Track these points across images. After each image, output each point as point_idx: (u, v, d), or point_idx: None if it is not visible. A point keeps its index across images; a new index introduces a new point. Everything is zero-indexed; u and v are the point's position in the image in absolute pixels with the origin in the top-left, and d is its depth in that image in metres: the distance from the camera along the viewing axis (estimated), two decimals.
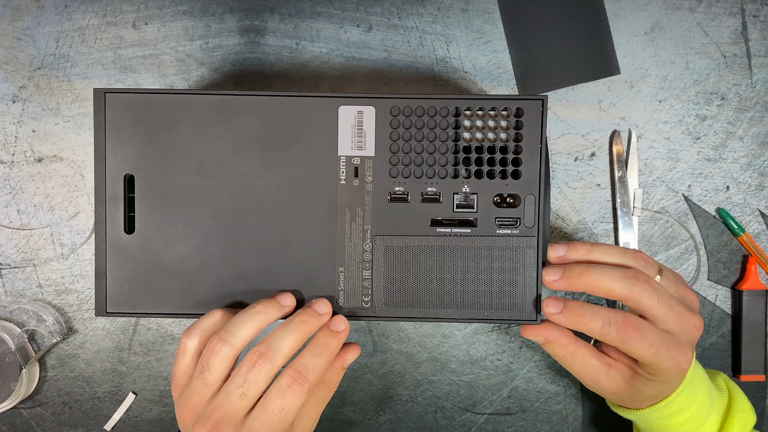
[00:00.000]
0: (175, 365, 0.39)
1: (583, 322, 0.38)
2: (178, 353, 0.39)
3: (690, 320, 0.39)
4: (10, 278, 0.54)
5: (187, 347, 0.39)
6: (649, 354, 0.38)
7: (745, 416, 0.44)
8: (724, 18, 0.53)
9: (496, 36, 0.53)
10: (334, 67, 0.53)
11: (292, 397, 0.36)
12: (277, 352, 0.37)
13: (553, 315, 0.39)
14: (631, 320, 0.38)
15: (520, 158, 0.40)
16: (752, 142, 0.54)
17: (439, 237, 0.40)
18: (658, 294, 0.38)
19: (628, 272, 0.38)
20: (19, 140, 0.54)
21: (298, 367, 0.37)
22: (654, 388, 0.40)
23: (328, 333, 0.39)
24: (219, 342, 0.37)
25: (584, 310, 0.38)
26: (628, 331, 0.37)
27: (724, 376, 0.47)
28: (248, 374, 0.36)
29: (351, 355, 0.41)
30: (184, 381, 0.39)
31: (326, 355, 0.38)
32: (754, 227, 0.54)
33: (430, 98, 0.40)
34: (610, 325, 0.38)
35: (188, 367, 0.39)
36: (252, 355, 0.37)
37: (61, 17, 0.53)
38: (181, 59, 0.53)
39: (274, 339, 0.37)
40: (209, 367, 0.37)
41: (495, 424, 0.55)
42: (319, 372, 0.38)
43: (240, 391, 0.36)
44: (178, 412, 0.39)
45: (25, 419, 0.55)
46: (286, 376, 0.37)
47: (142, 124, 0.40)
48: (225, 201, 0.41)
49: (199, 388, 0.37)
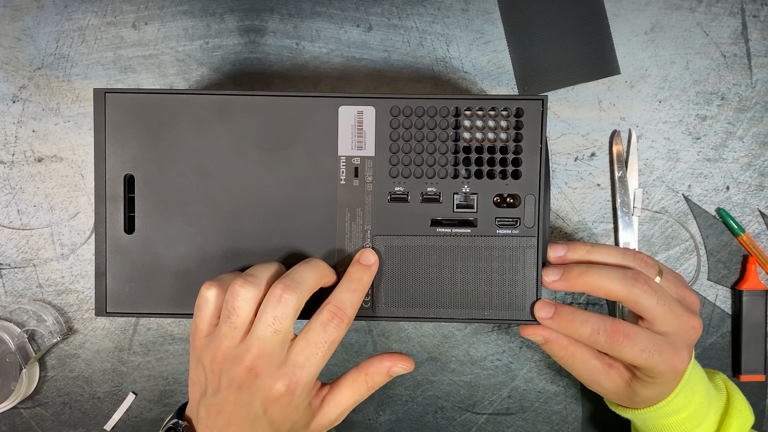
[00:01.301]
0: (196, 316, 0.38)
1: (573, 329, 0.38)
2: (199, 303, 0.38)
3: (689, 321, 0.39)
4: (10, 278, 0.54)
5: (209, 297, 0.37)
6: (641, 359, 0.38)
7: (743, 416, 0.44)
8: (724, 18, 0.53)
9: (496, 36, 0.53)
10: (334, 67, 0.53)
11: (333, 330, 0.36)
12: (301, 284, 0.36)
13: (543, 320, 0.39)
14: (620, 327, 0.38)
15: (520, 158, 0.40)
16: (752, 142, 0.54)
17: (439, 237, 0.40)
18: (658, 295, 0.38)
19: (628, 273, 0.38)
20: (19, 140, 0.54)
21: (336, 302, 0.37)
22: (652, 390, 0.40)
23: (360, 267, 0.39)
24: (244, 283, 0.36)
25: (574, 316, 0.38)
26: (617, 338, 0.38)
27: (722, 376, 0.47)
28: (275, 310, 0.35)
29: (403, 365, 0.40)
30: (209, 330, 0.38)
31: (360, 290, 0.38)
32: (754, 227, 0.54)
33: (430, 98, 0.40)
34: (599, 333, 0.38)
35: (212, 317, 0.38)
36: (275, 290, 0.36)
37: (61, 17, 0.53)
38: (181, 59, 0.53)
39: (295, 272, 0.37)
40: (236, 310, 0.36)
41: (495, 424, 0.55)
42: (356, 306, 0.38)
43: (272, 329, 0.35)
44: (206, 361, 0.37)
45: (25, 419, 0.55)
46: (326, 311, 0.37)
47: (142, 124, 0.40)
48: (225, 201, 0.41)
49: (229, 332, 0.36)
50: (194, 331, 0.38)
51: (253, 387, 0.36)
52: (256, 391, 0.36)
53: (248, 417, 0.36)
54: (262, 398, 0.36)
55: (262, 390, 0.36)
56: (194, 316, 0.38)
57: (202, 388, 0.38)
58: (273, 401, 0.36)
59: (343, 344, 0.55)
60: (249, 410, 0.36)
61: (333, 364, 0.55)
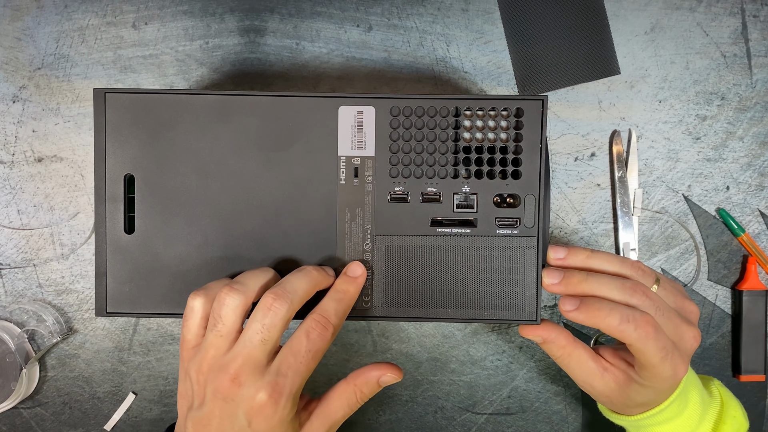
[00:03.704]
0: (183, 326, 0.38)
1: (601, 318, 0.37)
2: (186, 313, 0.37)
3: (687, 332, 0.39)
4: (10, 278, 0.54)
5: (195, 306, 0.37)
6: (659, 357, 0.37)
7: (736, 423, 0.44)
8: (724, 18, 0.53)
9: (496, 36, 0.53)
10: (334, 67, 0.53)
11: (317, 338, 0.36)
12: (293, 293, 0.36)
13: (569, 312, 0.38)
14: (649, 318, 0.37)
15: (520, 158, 0.40)
16: (752, 142, 0.54)
17: (439, 237, 0.40)
18: (656, 305, 0.38)
19: (627, 283, 0.38)
20: (19, 140, 0.54)
21: (321, 311, 0.37)
22: (646, 396, 0.40)
23: (346, 279, 0.39)
24: (230, 291, 0.36)
25: (601, 305, 0.37)
26: (647, 329, 0.37)
27: (717, 383, 0.47)
28: (265, 318, 0.35)
29: (392, 374, 0.40)
30: (196, 341, 0.37)
31: (346, 300, 0.38)
32: (754, 227, 0.54)
33: (430, 98, 0.40)
34: (628, 321, 0.37)
35: (198, 327, 0.37)
36: (266, 299, 0.36)
37: (61, 17, 0.53)
38: (181, 59, 0.53)
39: (287, 281, 0.37)
40: (222, 318, 0.36)
41: (495, 424, 0.55)
42: (341, 316, 0.38)
43: (260, 337, 0.35)
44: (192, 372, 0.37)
45: (25, 419, 0.55)
46: (310, 320, 0.37)
47: (142, 124, 0.40)
48: (225, 201, 0.41)
49: (215, 341, 0.36)
50: (182, 343, 0.38)
51: (237, 398, 0.35)
52: (239, 402, 0.35)
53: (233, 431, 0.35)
54: (246, 409, 0.35)
55: (245, 401, 0.35)
56: (182, 326, 0.38)
57: (189, 401, 0.38)
58: (256, 412, 0.35)
59: (343, 344, 0.55)
60: (234, 423, 0.35)
61: (332, 364, 0.55)
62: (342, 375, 0.54)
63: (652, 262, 0.54)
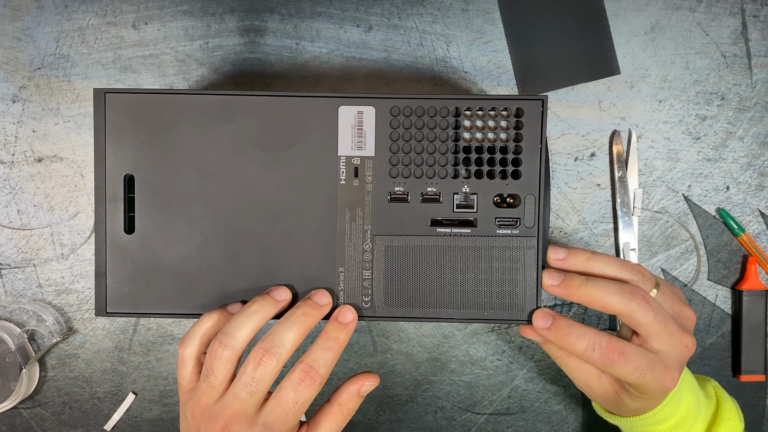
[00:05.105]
0: (178, 374, 0.40)
1: (569, 342, 0.38)
2: (178, 364, 0.40)
3: (682, 340, 0.39)
4: (10, 278, 0.54)
5: (186, 357, 0.39)
6: (633, 377, 0.38)
7: (731, 424, 0.44)
8: (724, 18, 0.53)
9: (496, 36, 0.53)
10: (334, 67, 0.53)
11: (304, 390, 0.37)
12: (281, 347, 0.37)
13: (540, 329, 0.39)
14: (615, 345, 0.38)
15: (520, 158, 0.40)
16: (752, 142, 0.54)
17: (439, 237, 0.40)
18: (654, 311, 0.38)
19: (626, 288, 0.38)
20: (19, 140, 0.54)
21: (309, 361, 0.38)
22: (639, 403, 0.41)
23: (337, 326, 0.39)
24: (219, 347, 0.37)
25: (571, 330, 0.38)
26: (611, 356, 0.38)
27: (714, 384, 0.47)
28: (255, 372, 0.37)
29: (369, 382, 0.41)
30: (191, 386, 0.40)
31: (336, 348, 0.39)
32: (754, 227, 0.54)
33: (430, 98, 0.40)
34: (594, 349, 0.38)
35: (192, 374, 0.40)
36: (256, 353, 0.37)
37: (61, 17, 0.53)
38: (181, 59, 0.53)
39: (276, 334, 0.38)
40: (214, 371, 0.37)
41: (495, 424, 0.55)
42: (329, 365, 0.38)
43: (248, 390, 0.37)
44: (188, 414, 0.39)
45: (25, 419, 0.55)
46: (298, 371, 0.37)
47: (142, 124, 0.40)
48: (225, 201, 0.41)
49: (207, 390, 0.38)
50: (179, 386, 0.40)
51: None
52: None
53: None
54: None
55: None
56: (177, 372, 0.40)
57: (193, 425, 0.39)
58: None
59: None
60: None
61: None
62: (342, 374, 0.54)
63: (652, 262, 0.54)
